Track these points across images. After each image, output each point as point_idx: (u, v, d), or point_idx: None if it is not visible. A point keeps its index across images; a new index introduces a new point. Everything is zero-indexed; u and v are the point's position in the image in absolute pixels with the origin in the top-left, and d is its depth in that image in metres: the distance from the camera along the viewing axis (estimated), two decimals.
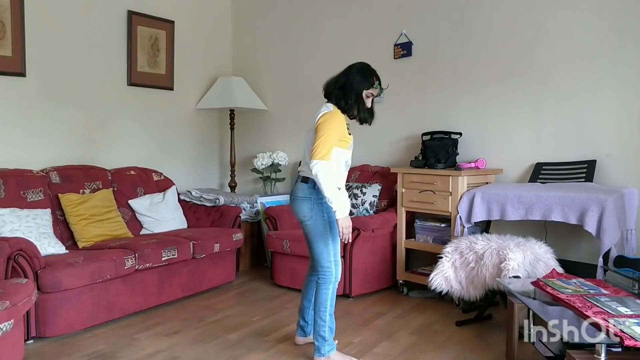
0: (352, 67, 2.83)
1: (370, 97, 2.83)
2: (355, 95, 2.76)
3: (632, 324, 2.13)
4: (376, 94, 2.85)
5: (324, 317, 2.80)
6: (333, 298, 2.85)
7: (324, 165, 2.62)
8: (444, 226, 3.92)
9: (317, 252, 2.82)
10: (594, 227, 3.11)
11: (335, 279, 2.83)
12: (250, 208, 4.91)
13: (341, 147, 2.74)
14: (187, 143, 5.28)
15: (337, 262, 2.84)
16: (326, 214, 2.78)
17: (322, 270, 2.81)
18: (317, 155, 2.62)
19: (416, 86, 4.49)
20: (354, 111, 2.78)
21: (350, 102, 2.76)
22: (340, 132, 2.73)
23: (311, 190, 2.76)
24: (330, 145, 2.65)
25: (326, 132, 2.66)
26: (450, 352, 3.02)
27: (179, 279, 3.87)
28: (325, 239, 2.79)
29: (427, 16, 4.41)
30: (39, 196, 3.70)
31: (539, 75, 3.92)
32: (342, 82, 2.78)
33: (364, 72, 2.80)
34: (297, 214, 2.83)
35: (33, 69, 3.97)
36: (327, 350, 2.82)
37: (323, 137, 2.65)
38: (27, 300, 2.61)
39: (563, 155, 3.83)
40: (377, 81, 2.82)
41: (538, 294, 2.70)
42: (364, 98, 2.80)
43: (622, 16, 3.60)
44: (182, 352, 3.01)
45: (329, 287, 2.81)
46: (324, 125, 2.68)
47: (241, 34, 5.62)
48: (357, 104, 2.78)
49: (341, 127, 2.73)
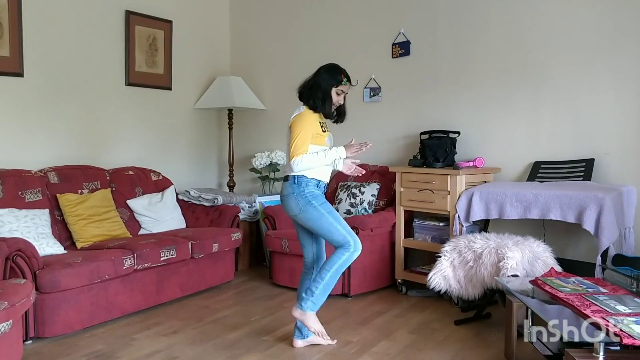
0: (321, 68, 3.01)
1: (342, 94, 2.99)
2: (322, 93, 2.93)
3: (631, 322, 2.14)
4: (346, 90, 2.99)
5: (325, 275, 2.87)
6: (343, 264, 2.89)
7: (302, 158, 2.84)
8: (442, 225, 3.93)
9: (326, 234, 2.91)
10: (592, 225, 3.11)
11: (354, 249, 2.88)
12: (248, 207, 4.91)
13: (316, 144, 2.91)
14: (185, 143, 5.28)
15: (351, 232, 2.91)
16: (314, 200, 2.89)
17: (341, 245, 2.87)
18: (293, 154, 2.86)
19: (414, 85, 4.49)
20: (323, 109, 2.94)
21: (318, 101, 2.93)
22: (313, 129, 2.90)
23: (293, 186, 2.91)
24: (303, 142, 2.85)
25: (297, 133, 2.87)
26: (449, 351, 3.02)
27: (177, 278, 3.87)
28: (326, 219, 2.87)
29: (424, 15, 4.41)
30: (37, 196, 3.69)
31: (537, 73, 3.93)
32: (311, 83, 2.97)
33: (331, 71, 2.96)
34: (288, 212, 2.98)
35: (31, 69, 3.96)
36: (308, 307, 2.91)
37: (295, 138, 2.86)
38: (26, 300, 2.61)
39: (561, 153, 3.84)
40: (345, 78, 2.95)
41: (536, 292, 2.71)
42: (334, 95, 2.95)
43: (619, 14, 3.60)
44: (181, 352, 3.01)
45: (345, 253, 2.87)
46: (294, 127, 2.89)
47: (239, 34, 5.62)
48: (324, 102, 2.93)
49: (311, 125, 2.90)
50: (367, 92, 4.73)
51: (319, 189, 2.96)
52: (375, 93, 4.70)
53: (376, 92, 4.70)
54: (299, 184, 2.89)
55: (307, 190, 2.89)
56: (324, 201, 2.93)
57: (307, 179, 2.90)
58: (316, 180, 2.93)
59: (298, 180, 2.90)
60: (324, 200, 2.94)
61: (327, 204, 2.94)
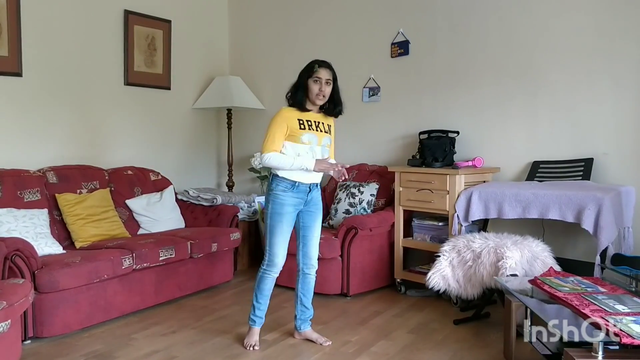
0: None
1: (319, 81, 2.93)
2: (296, 87, 2.98)
3: (630, 321, 2.14)
4: (323, 76, 2.93)
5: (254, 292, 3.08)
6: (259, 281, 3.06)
7: (267, 156, 2.92)
8: (441, 225, 3.93)
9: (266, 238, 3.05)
10: (591, 225, 3.11)
11: (267, 267, 3.02)
12: (247, 207, 4.91)
13: (292, 142, 2.93)
14: (184, 143, 5.28)
15: (274, 253, 3.00)
16: (274, 205, 2.96)
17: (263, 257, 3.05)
18: (262, 151, 2.94)
19: (413, 85, 4.49)
20: (295, 99, 2.96)
21: (295, 95, 2.97)
22: (287, 127, 2.92)
23: (269, 186, 3.03)
24: (270, 139, 2.92)
25: (267, 130, 2.97)
26: (448, 351, 3.02)
27: (176, 278, 3.86)
28: (266, 228, 3.02)
29: (424, 15, 4.41)
30: (35, 196, 3.69)
31: (536, 73, 3.93)
32: (293, 83, 3.02)
33: (306, 66, 3.01)
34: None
35: (29, 69, 3.96)
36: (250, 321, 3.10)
37: (266, 135, 2.96)
38: (24, 300, 2.60)
39: (560, 153, 3.84)
40: (316, 65, 2.97)
41: (535, 292, 2.71)
42: (313, 85, 2.94)
43: (617, 16, 3.60)
44: (180, 352, 3.01)
45: (260, 270, 3.05)
46: (269, 125, 2.98)
47: (238, 33, 5.62)
48: (296, 93, 2.96)
49: (284, 122, 2.93)
50: (366, 91, 4.73)
51: (293, 191, 2.95)
52: (374, 93, 4.70)
53: (375, 91, 4.70)
54: (271, 182, 3.00)
55: (275, 191, 2.96)
56: (280, 212, 2.94)
57: (278, 178, 2.96)
58: (290, 181, 2.94)
59: (272, 178, 3.00)
60: (283, 212, 2.94)
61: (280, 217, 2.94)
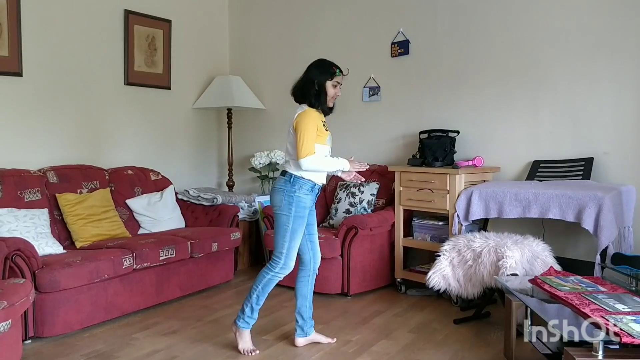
0: (310, 65, 2.97)
1: (337, 86, 2.95)
2: (315, 89, 2.89)
3: (630, 321, 2.14)
4: (341, 81, 2.96)
5: (252, 294, 2.95)
6: (267, 284, 2.94)
7: (311, 159, 2.81)
8: (441, 224, 3.93)
9: (275, 241, 2.94)
10: (592, 224, 3.12)
11: (280, 271, 2.92)
12: (248, 207, 4.91)
13: (319, 143, 2.88)
14: (184, 142, 5.28)
15: (290, 256, 2.91)
16: (295, 208, 2.87)
17: (273, 258, 2.93)
18: (302, 154, 2.81)
19: (413, 84, 4.49)
20: (320, 105, 2.91)
21: (313, 98, 2.90)
22: (317, 129, 2.86)
23: (286, 183, 2.90)
24: (310, 140, 2.82)
25: (303, 131, 2.83)
26: (449, 350, 3.02)
27: (177, 278, 3.86)
28: (284, 232, 2.89)
29: (424, 14, 4.41)
30: (36, 196, 3.69)
31: (536, 73, 3.93)
32: (304, 81, 2.93)
33: (321, 66, 2.94)
34: (271, 203, 2.98)
35: (30, 68, 3.96)
36: (241, 325, 2.98)
37: (302, 136, 2.82)
38: (25, 300, 2.61)
39: (560, 153, 3.84)
40: (337, 69, 2.93)
41: (536, 291, 2.71)
42: (330, 89, 2.91)
43: (618, 15, 3.61)
44: (181, 352, 3.01)
45: (269, 273, 2.93)
46: (299, 126, 2.85)
47: (238, 33, 5.62)
48: (319, 97, 2.90)
49: (315, 123, 2.86)
50: (366, 91, 4.73)
51: (312, 193, 2.93)
52: (375, 92, 4.70)
53: (375, 91, 4.70)
54: (293, 184, 2.88)
55: (298, 193, 2.87)
56: (302, 215, 2.89)
57: (303, 180, 2.88)
58: (312, 183, 2.91)
59: (294, 180, 2.88)
60: (304, 214, 2.90)
61: (302, 220, 2.89)
